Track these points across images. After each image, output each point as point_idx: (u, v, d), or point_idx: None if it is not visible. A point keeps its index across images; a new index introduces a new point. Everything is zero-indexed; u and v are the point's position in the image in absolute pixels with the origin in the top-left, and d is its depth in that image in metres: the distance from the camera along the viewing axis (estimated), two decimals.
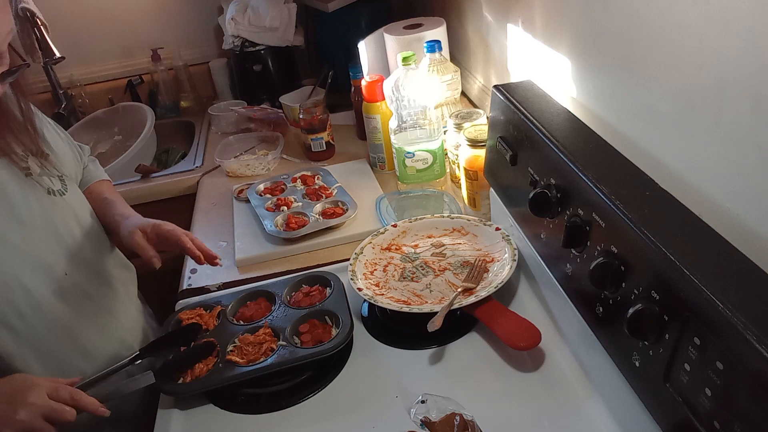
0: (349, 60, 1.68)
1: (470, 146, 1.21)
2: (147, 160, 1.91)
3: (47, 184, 0.98)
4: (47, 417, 0.81)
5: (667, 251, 0.63)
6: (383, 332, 1.04)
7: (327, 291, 1.09)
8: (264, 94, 2.05)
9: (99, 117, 2.09)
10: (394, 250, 1.18)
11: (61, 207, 1.00)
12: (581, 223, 0.80)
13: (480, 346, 0.98)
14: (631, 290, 0.70)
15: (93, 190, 1.15)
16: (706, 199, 0.73)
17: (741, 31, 0.63)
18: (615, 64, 0.90)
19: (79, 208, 1.05)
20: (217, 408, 0.94)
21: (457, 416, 0.80)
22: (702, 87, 0.71)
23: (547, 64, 1.14)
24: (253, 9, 1.96)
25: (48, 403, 0.81)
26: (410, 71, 1.32)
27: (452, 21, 1.68)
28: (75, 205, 1.04)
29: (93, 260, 1.05)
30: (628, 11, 0.84)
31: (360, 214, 1.36)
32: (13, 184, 0.93)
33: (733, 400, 0.55)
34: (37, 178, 0.97)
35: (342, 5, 1.87)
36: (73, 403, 0.83)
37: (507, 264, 1.06)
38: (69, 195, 1.02)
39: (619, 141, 0.88)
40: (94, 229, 1.08)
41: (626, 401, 0.75)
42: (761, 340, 0.51)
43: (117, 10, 2.15)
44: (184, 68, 2.17)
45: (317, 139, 1.65)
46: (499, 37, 1.41)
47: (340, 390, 0.94)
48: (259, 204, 1.43)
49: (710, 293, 0.57)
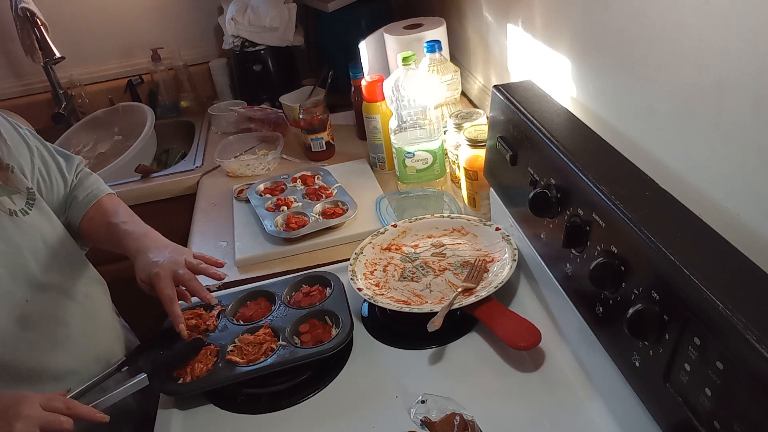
0: (349, 60, 1.68)
1: (470, 146, 1.21)
2: (147, 160, 1.91)
3: (8, 205, 0.92)
4: (44, 429, 0.77)
5: (667, 251, 0.63)
6: (383, 332, 1.04)
7: (327, 291, 1.09)
8: (264, 94, 2.05)
9: (99, 117, 2.09)
10: (394, 250, 1.18)
11: (25, 229, 0.94)
12: (581, 223, 0.80)
13: (480, 346, 0.98)
14: (631, 290, 0.70)
15: (94, 216, 1.08)
16: (706, 199, 0.73)
17: (741, 31, 0.63)
18: (615, 64, 0.90)
19: (46, 226, 0.99)
20: (217, 408, 0.94)
21: (457, 416, 0.80)
22: (702, 87, 0.71)
23: (547, 64, 1.14)
24: (253, 9, 1.96)
25: (43, 414, 0.78)
26: (410, 71, 1.32)
27: (452, 21, 1.68)
28: (40, 224, 0.97)
29: (60, 282, 0.99)
30: (628, 11, 0.84)
31: (360, 214, 1.36)
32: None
33: (733, 400, 0.55)
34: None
35: (342, 5, 1.87)
36: (69, 413, 0.80)
37: (507, 264, 1.06)
38: (33, 213, 0.96)
39: (619, 141, 0.88)
40: (64, 248, 1.02)
41: (626, 401, 0.75)
42: (761, 340, 0.51)
43: (117, 10, 2.15)
44: (184, 68, 2.17)
45: (317, 139, 1.65)
46: (499, 37, 1.41)
47: (340, 390, 0.94)
48: (259, 204, 1.43)
49: (710, 293, 0.57)
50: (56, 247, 1.00)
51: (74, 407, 0.82)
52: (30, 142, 1.02)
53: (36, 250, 0.95)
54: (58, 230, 1.02)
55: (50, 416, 0.78)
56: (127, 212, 1.09)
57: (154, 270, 0.96)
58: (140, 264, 0.98)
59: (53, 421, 0.78)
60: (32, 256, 0.94)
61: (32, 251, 0.94)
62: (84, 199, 1.09)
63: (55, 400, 0.80)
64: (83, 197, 1.09)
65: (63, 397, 0.82)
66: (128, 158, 1.79)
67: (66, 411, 0.80)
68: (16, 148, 0.99)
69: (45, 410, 0.78)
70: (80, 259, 1.07)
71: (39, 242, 0.96)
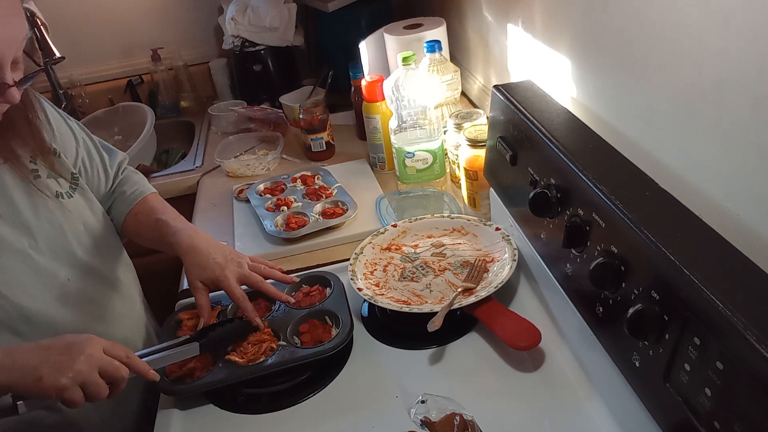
0: (349, 60, 1.68)
1: (470, 146, 1.21)
2: (147, 160, 1.91)
3: (54, 187, 0.97)
4: (102, 371, 0.81)
5: (667, 251, 0.63)
6: (383, 332, 1.04)
7: (327, 291, 1.09)
8: (264, 94, 2.05)
9: (99, 117, 2.09)
10: (394, 250, 1.18)
11: (68, 212, 0.98)
12: (581, 223, 0.80)
13: (480, 346, 0.98)
14: (631, 290, 0.70)
15: (140, 212, 1.11)
16: (706, 199, 0.73)
17: (741, 31, 0.63)
18: (615, 64, 0.90)
19: (87, 211, 1.03)
20: (217, 408, 0.94)
21: (457, 416, 0.80)
22: (702, 87, 0.71)
23: (547, 64, 1.14)
24: (253, 9, 1.96)
25: (104, 357, 0.82)
26: (410, 71, 1.32)
27: (452, 21, 1.68)
28: (82, 208, 1.02)
29: (98, 265, 1.03)
30: (628, 11, 0.84)
31: (360, 214, 1.36)
32: (19, 189, 0.92)
33: (733, 400, 0.55)
34: (45, 181, 0.95)
35: (342, 5, 1.87)
36: (127, 361, 0.84)
37: (507, 264, 1.06)
38: (77, 197, 1.01)
39: (619, 141, 0.88)
40: (103, 233, 1.06)
41: (626, 401, 0.75)
42: (761, 340, 0.51)
43: (117, 10, 2.15)
44: (184, 68, 2.17)
45: (317, 139, 1.65)
46: (499, 37, 1.41)
47: (340, 390, 0.94)
48: (259, 204, 1.43)
49: (710, 293, 0.57)
50: (96, 231, 1.04)
51: (133, 359, 0.85)
52: (77, 134, 1.07)
53: (77, 233, 0.99)
54: (99, 216, 1.06)
55: (110, 360, 0.82)
56: (173, 211, 1.12)
57: (220, 272, 0.99)
58: (198, 262, 1.00)
59: (113, 365, 0.82)
60: (74, 237, 0.98)
61: (74, 233, 0.99)
62: (131, 195, 1.12)
63: (118, 348, 0.84)
64: (131, 192, 1.12)
65: (124, 348, 0.85)
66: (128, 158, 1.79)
67: (125, 359, 0.84)
68: (62, 136, 1.02)
69: (106, 354, 0.82)
70: (117, 246, 1.12)
71: (80, 225, 1.00)
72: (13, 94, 0.80)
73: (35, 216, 0.93)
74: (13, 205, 0.91)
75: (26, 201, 0.92)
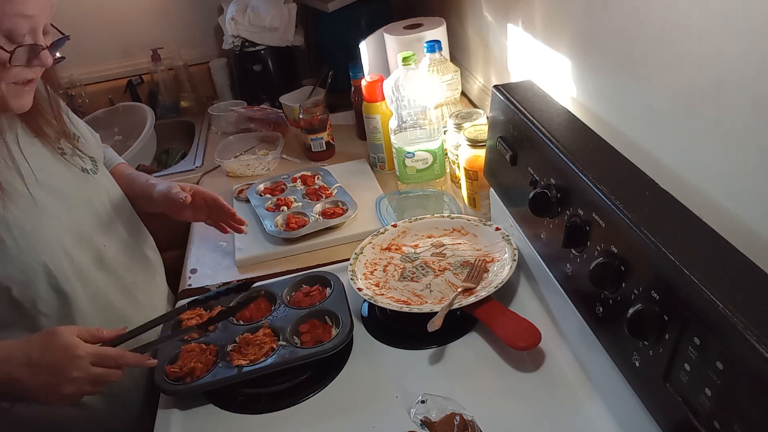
0: (349, 60, 1.68)
1: (470, 146, 1.21)
2: (147, 160, 1.91)
3: (80, 164, 1.03)
4: (95, 383, 0.84)
5: (667, 251, 0.63)
6: (383, 332, 1.04)
7: (327, 291, 1.09)
8: (264, 94, 2.05)
9: (99, 117, 2.08)
10: (394, 250, 1.18)
11: (95, 185, 1.04)
12: (581, 223, 0.80)
13: (480, 346, 0.98)
14: (631, 290, 0.70)
15: (115, 171, 1.20)
16: (706, 199, 0.73)
17: (741, 31, 0.63)
18: (615, 64, 0.90)
19: (110, 187, 1.10)
20: (217, 408, 0.94)
21: (457, 416, 0.80)
22: (702, 87, 0.71)
23: (547, 64, 1.14)
24: (253, 9, 1.96)
25: (92, 372, 0.83)
26: (410, 71, 1.32)
27: (452, 21, 1.68)
28: (106, 184, 1.09)
29: (127, 238, 1.10)
30: (628, 11, 0.84)
31: (360, 214, 1.36)
32: (53, 161, 0.98)
33: (733, 400, 0.55)
34: (70, 159, 1.01)
35: (342, 5, 1.87)
36: (119, 367, 0.86)
37: (507, 264, 1.06)
38: (100, 175, 1.07)
39: (619, 141, 0.88)
40: (126, 209, 1.13)
41: (626, 401, 0.75)
42: (761, 340, 0.51)
43: (117, 10, 2.15)
44: (184, 68, 2.17)
45: (317, 139, 1.65)
46: (499, 37, 1.41)
47: (340, 390, 0.94)
48: (259, 204, 1.43)
49: (710, 293, 0.57)
50: (120, 207, 1.11)
51: (124, 361, 0.86)
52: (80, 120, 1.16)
53: (105, 206, 1.06)
54: (119, 192, 1.13)
55: (99, 372, 0.84)
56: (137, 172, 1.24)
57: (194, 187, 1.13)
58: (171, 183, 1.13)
59: (102, 376, 0.84)
60: (104, 209, 1.06)
61: (103, 206, 1.06)
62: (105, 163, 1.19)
63: (105, 358, 0.85)
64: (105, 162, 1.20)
65: (113, 352, 0.86)
66: (128, 158, 1.78)
67: (116, 367, 0.86)
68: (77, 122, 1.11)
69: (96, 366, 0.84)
70: (139, 223, 1.18)
71: (106, 199, 1.07)
72: (47, 56, 0.85)
73: (67, 186, 0.98)
74: (50, 174, 0.96)
75: (61, 172, 0.99)
